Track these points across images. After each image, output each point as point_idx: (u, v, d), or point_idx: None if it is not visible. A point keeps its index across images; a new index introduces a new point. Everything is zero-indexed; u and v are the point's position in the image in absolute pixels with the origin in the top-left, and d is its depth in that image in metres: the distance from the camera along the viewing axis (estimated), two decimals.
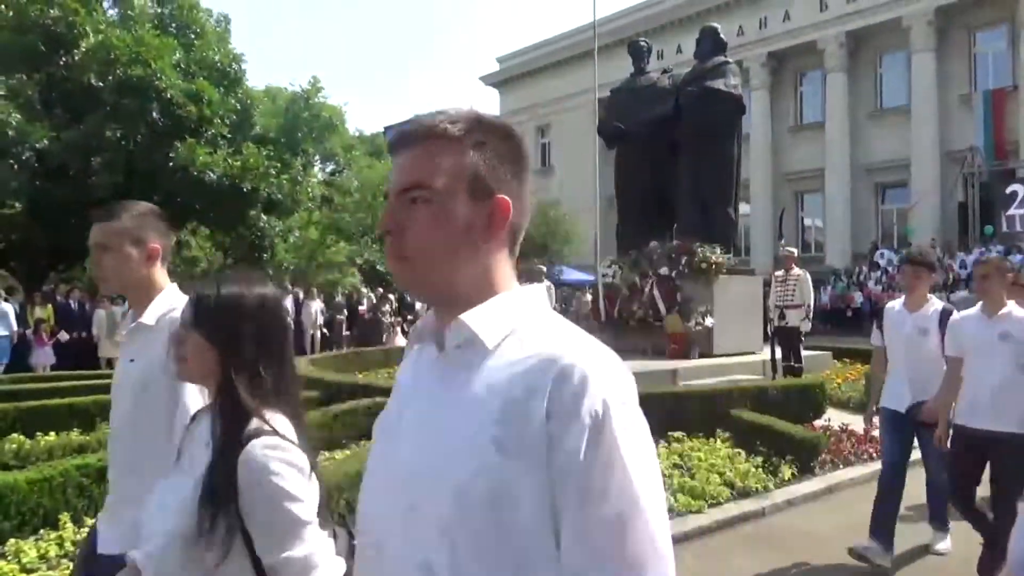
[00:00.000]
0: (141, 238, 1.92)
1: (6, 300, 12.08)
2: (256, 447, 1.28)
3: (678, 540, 4.39)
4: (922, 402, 4.04)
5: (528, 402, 0.82)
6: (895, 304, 4.37)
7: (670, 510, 4.70)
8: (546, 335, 0.89)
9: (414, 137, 0.94)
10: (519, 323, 0.91)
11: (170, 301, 1.92)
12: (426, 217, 0.91)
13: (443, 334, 0.93)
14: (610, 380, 0.84)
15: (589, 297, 16.42)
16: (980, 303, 3.80)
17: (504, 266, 0.96)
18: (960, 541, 4.23)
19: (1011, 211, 20.39)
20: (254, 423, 1.32)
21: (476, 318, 0.90)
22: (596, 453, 0.80)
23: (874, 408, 4.48)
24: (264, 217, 18.09)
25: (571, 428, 0.80)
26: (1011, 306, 3.70)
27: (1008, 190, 20.61)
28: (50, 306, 12.79)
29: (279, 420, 1.35)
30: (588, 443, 0.80)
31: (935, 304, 4.18)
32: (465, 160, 0.92)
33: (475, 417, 0.85)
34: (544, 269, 15.55)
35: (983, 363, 3.66)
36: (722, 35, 11.34)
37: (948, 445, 3.85)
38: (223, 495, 1.25)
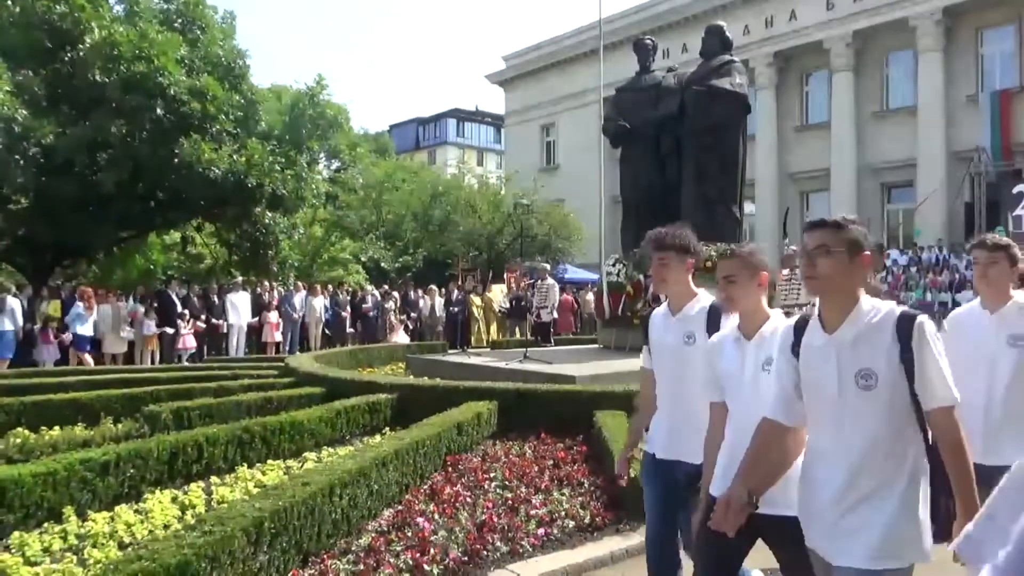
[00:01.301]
0: None
1: (13, 295, 12.13)
2: None
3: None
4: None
5: None
6: (661, 309, 3.19)
7: None
8: None
9: None
10: None
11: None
12: None
13: None
14: None
15: (591, 296, 16.41)
16: (737, 320, 2.57)
17: None
18: None
19: (1018, 211, 20.35)
20: None
21: None
22: None
23: (628, 453, 3.25)
24: (269, 214, 18.09)
25: None
26: (776, 317, 2.51)
27: (1015, 190, 20.57)
28: (57, 302, 12.82)
29: None
30: None
31: (703, 300, 3.00)
32: None
33: None
34: (548, 267, 15.58)
35: (742, 406, 2.45)
36: (728, 34, 11.27)
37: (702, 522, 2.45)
38: None
